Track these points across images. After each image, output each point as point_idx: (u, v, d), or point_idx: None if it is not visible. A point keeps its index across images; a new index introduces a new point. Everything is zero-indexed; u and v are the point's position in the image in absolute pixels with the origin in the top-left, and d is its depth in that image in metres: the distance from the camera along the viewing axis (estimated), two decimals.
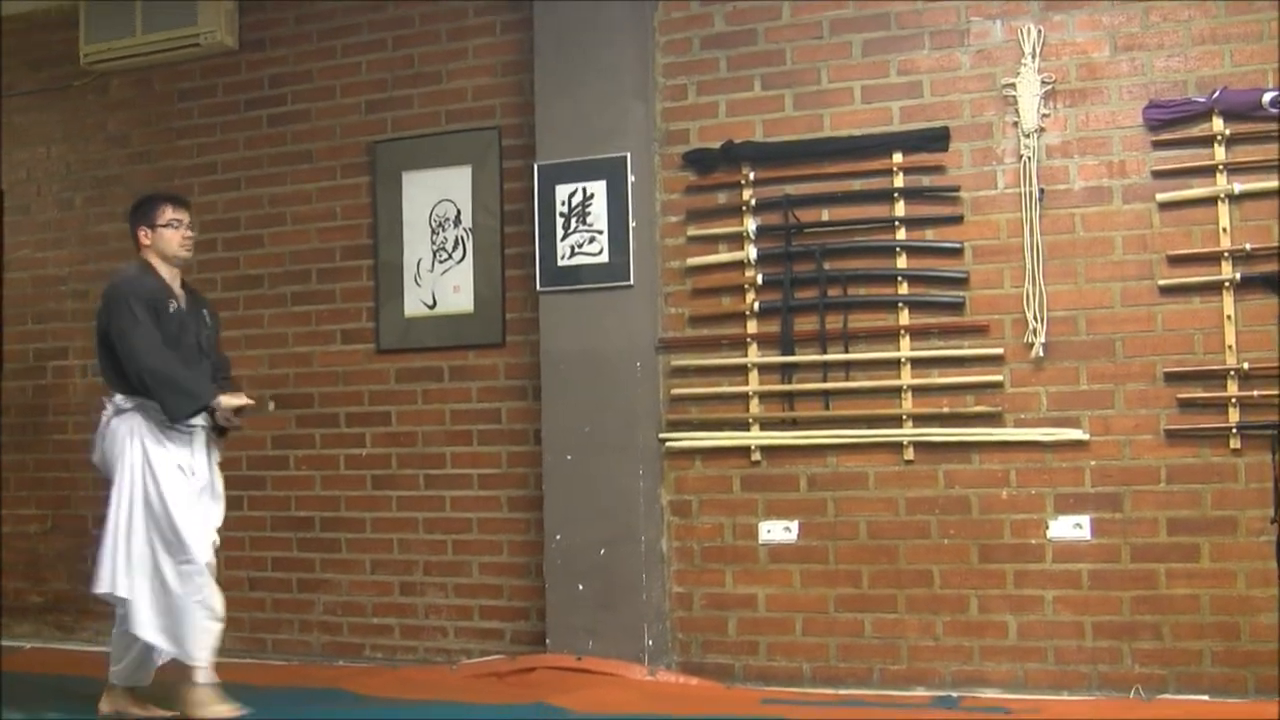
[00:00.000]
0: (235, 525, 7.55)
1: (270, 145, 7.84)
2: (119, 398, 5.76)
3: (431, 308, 7.32)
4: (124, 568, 5.60)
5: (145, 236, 5.93)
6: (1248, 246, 5.89)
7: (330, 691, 6.50)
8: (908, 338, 6.40)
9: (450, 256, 7.28)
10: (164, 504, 5.61)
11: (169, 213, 5.92)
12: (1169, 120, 6.07)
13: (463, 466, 7.19)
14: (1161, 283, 6.04)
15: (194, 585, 5.58)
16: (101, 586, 5.65)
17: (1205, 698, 5.83)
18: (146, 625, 5.59)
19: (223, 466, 7.59)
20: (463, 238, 7.25)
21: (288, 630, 7.54)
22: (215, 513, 5.93)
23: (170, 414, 5.63)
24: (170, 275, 5.96)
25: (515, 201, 7.14)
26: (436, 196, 7.33)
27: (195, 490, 5.76)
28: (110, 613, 5.90)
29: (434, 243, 7.32)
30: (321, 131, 7.72)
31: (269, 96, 7.87)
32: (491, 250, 7.19)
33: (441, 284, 7.30)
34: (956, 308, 6.34)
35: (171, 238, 5.91)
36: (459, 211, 7.28)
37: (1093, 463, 6.10)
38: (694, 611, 6.71)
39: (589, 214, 6.71)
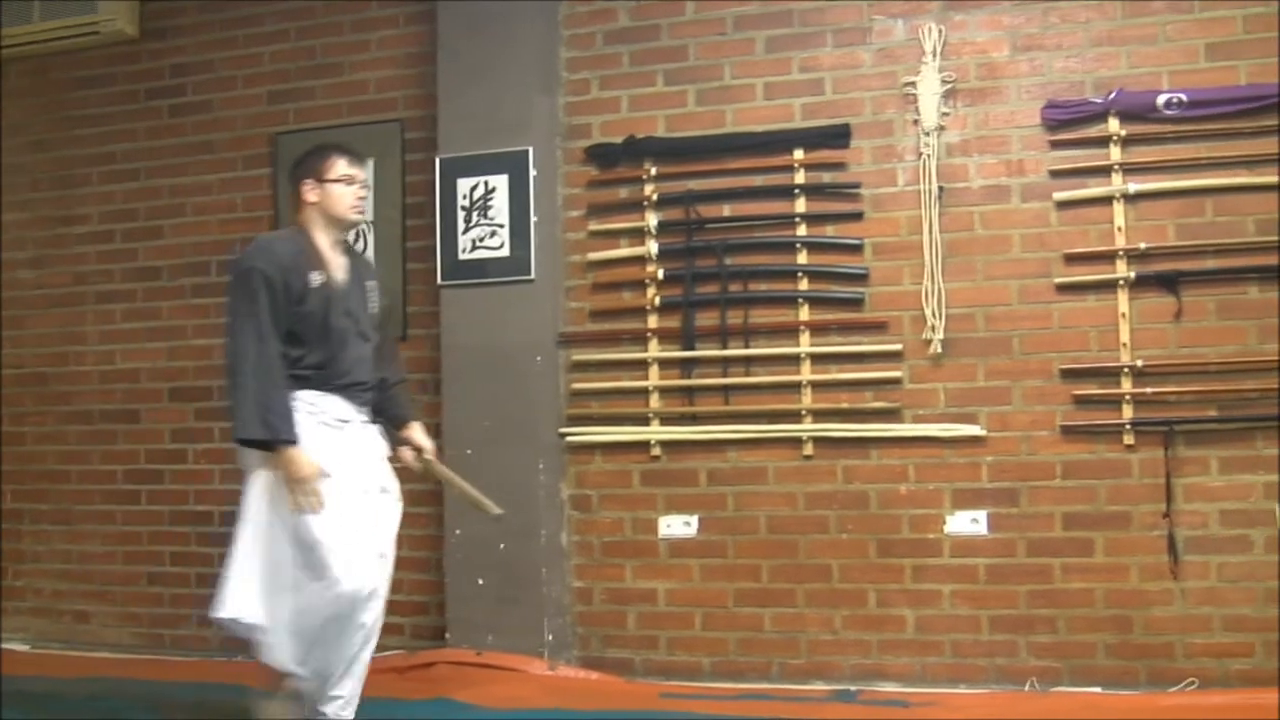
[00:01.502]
0: (134, 520, 7.51)
1: (171, 136, 7.62)
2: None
3: None
4: (260, 591, 4.76)
5: (311, 192, 4.98)
6: (1142, 245, 5.92)
7: (229, 687, 6.37)
8: (808, 333, 6.35)
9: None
10: (305, 522, 4.74)
11: (342, 166, 5.00)
12: (1067, 120, 6.08)
13: None
14: (1058, 280, 6.04)
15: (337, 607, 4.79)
16: (224, 611, 4.80)
17: (1099, 690, 5.85)
18: (282, 651, 4.81)
19: (120, 460, 7.56)
20: (364, 231, 7.08)
21: (186, 626, 7.34)
22: (390, 514, 5.12)
23: (234, 429, 4.73)
24: (331, 242, 5.03)
25: (417, 195, 7.00)
26: None
27: (359, 493, 4.92)
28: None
29: None
30: (223, 122, 7.52)
31: (170, 86, 7.65)
32: (393, 243, 7.04)
33: None
34: (856, 304, 6.31)
35: (343, 196, 4.98)
36: None
37: (990, 458, 6.09)
38: (594, 606, 6.63)
39: (491, 208, 6.60)
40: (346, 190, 4.99)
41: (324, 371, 4.90)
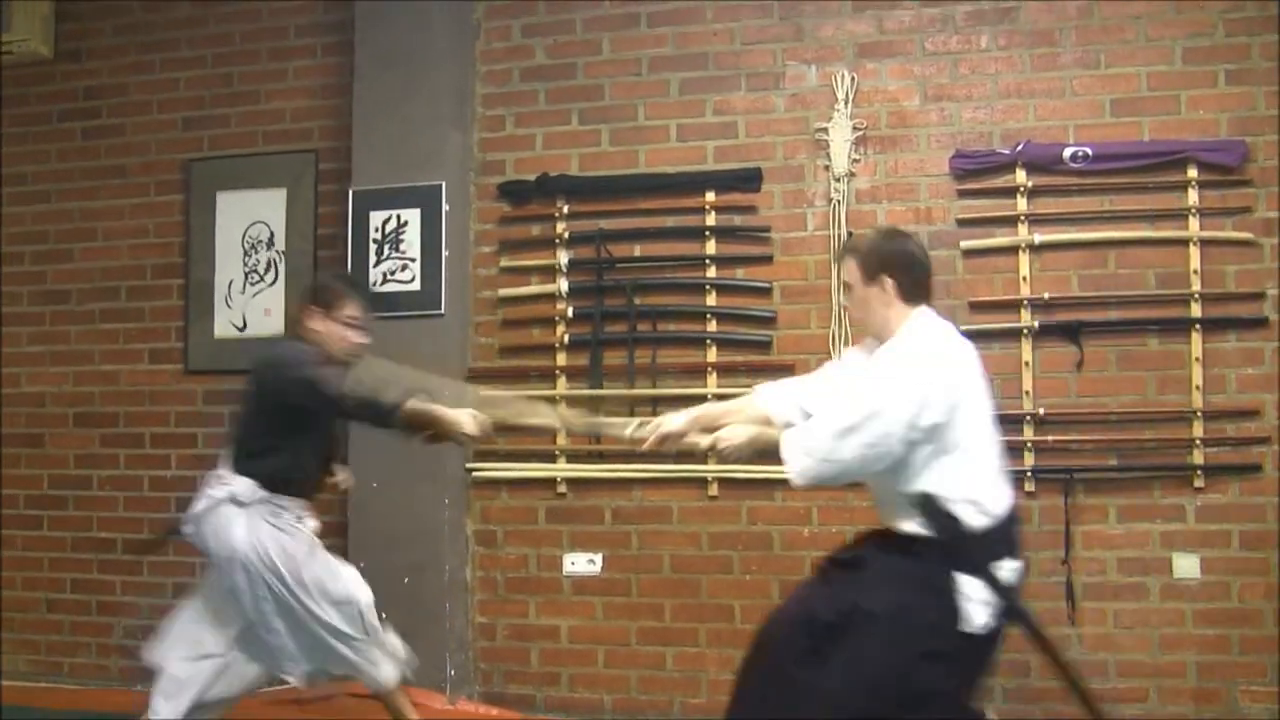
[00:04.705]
0: (35, 546, 7.26)
1: (83, 158, 7.41)
2: (243, 486, 5.06)
3: (242, 330, 6.99)
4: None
5: (316, 322, 5.10)
6: (1046, 295, 5.91)
7: (128, 717, 6.23)
8: (715, 374, 6.28)
9: (262, 279, 6.98)
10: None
11: (352, 309, 5.12)
12: (975, 170, 6.05)
13: None
14: (963, 328, 5.92)
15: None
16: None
17: None
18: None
19: (22, 484, 7.34)
20: (275, 260, 6.95)
21: (85, 654, 7.13)
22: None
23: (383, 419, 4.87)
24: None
25: (329, 226, 6.86)
26: (250, 218, 7.02)
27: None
28: None
29: (246, 264, 7.00)
30: (136, 147, 7.33)
31: (83, 109, 7.44)
32: (304, 274, 6.84)
33: (253, 306, 6.99)
34: (764, 346, 6.24)
35: (343, 338, 5.10)
36: (273, 234, 6.98)
37: None
38: (497, 642, 6.50)
39: (402, 241, 6.47)
40: (346, 333, 5.11)
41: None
